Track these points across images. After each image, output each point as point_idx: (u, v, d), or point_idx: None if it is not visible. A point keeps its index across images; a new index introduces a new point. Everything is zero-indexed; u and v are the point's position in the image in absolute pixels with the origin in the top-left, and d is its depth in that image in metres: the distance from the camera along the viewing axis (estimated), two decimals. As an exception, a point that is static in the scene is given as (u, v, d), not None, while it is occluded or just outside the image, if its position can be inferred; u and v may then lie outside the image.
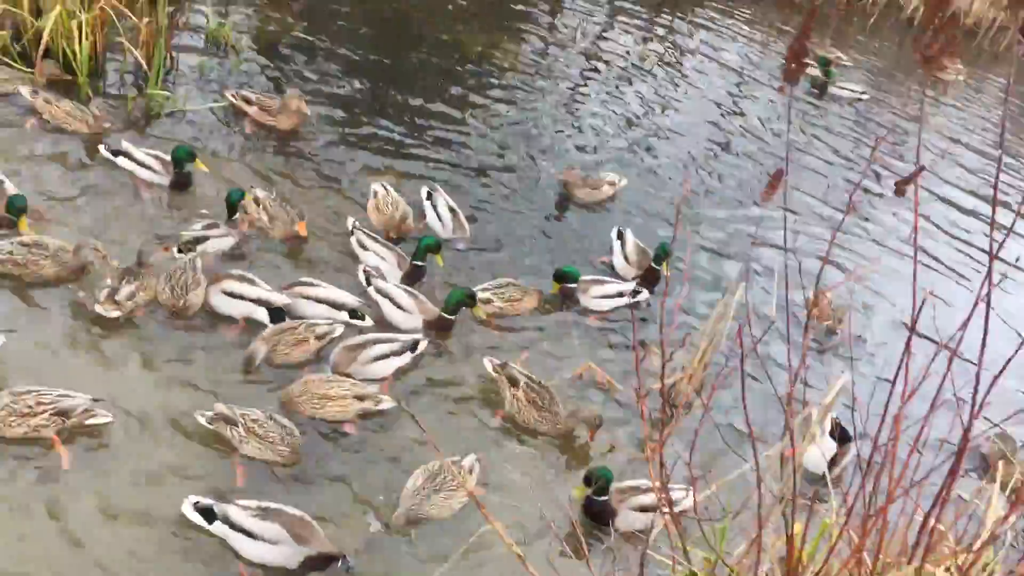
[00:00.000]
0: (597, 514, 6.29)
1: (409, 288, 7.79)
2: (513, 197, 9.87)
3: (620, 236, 9.15)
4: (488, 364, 7.16)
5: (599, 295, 8.43)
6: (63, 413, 5.74)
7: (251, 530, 5.38)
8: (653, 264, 8.71)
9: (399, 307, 7.58)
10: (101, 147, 8.40)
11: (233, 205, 8.01)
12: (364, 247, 8.12)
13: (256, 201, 8.08)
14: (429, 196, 8.99)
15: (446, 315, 7.56)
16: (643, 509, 6.30)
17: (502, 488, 6.40)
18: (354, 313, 7.48)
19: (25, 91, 8.66)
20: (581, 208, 9.95)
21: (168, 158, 8.31)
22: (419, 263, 7.98)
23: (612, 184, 10.14)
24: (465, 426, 6.91)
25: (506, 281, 8.20)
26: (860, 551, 2.86)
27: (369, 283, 7.72)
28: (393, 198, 8.67)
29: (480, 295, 7.90)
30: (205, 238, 7.75)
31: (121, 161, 8.31)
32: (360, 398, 6.58)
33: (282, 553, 5.38)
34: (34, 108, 8.61)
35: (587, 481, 6.23)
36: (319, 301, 7.41)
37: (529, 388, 6.91)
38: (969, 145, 15.24)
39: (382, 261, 8.09)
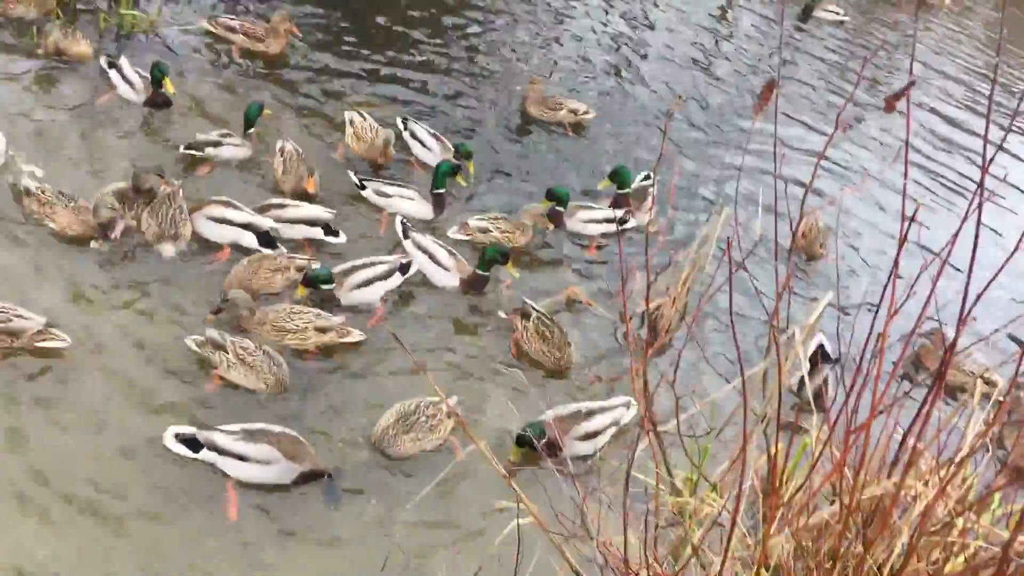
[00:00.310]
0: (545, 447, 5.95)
1: (447, 245, 7.55)
2: (493, 123, 9.71)
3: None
4: (502, 313, 7.10)
5: (587, 219, 8.37)
6: (13, 333, 5.69)
7: (242, 453, 5.41)
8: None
9: (439, 264, 7.36)
10: (101, 58, 8.31)
11: (251, 119, 7.99)
12: (386, 195, 7.91)
13: (281, 151, 7.81)
14: (406, 127, 8.79)
15: (480, 272, 7.33)
16: (587, 437, 6.21)
17: (484, 411, 6.43)
18: (328, 229, 7.39)
19: None
20: (559, 133, 9.79)
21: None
22: (483, 272, 7.34)
23: (574, 112, 9.88)
24: (461, 355, 6.87)
25: (498, 214, 8.10)
26: (841, 467, 2.87)
27: (407, 236, 7.47)
28: (371, 124, 8.51)
29: (475, 223, 7.83)
30: (219, 143, 7.83)
31: (112, 75, 8.20)
32: (322, 330, 6.45)
33: (276, 471, 5.45)
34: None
35: (519, 442, 5.94)
36: (294, 222, 7.33)
37: (540, 322, 6.86)
38: (956, 63, 15.09)
39: (409, 202, 7.92)
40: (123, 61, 8.30)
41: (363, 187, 7.91)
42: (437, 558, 5.29)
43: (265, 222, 7.13)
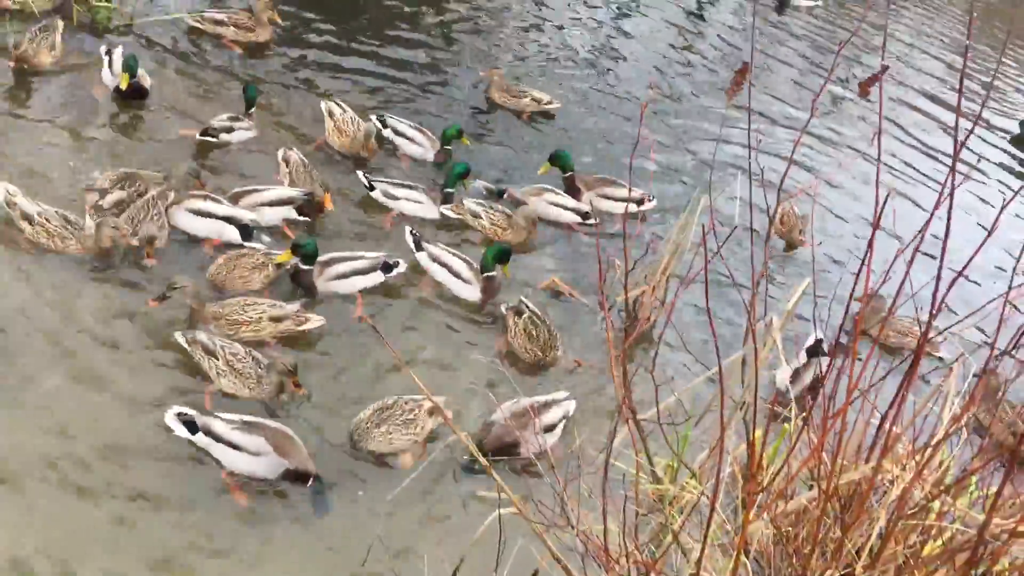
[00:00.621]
0: (502, 450, 5.86)
1: (462, 255, 7.39)
2: (466, 114, 9.69)
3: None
4: (503, 307, 7.06)
5: (551, 202, 8.39)
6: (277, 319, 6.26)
7: (235, 442, 5.42)
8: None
9: (460, 277, 7.21)
10: (102, 48, 8.27)
11: (252, 99, 8.19)
12: (394, 197, 7.85)
13: (286, 161, 7.71)
14: (385, 124, 8.64)
15: (488, 275, 7.19)
16: (547, 429, 6.12)
17: (466, 403, 6.43)
18: (301, 210, 7.36)
19: None
20: (527, 122, 9.78)
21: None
22: (491, 274, 7.22)
23: (537, 101, 9.84)
24: (447, 347, 6.85)
25: (499, 206, 8.08)
26: (819, 452, 2.90)
27: (420, 248, 7.30)
28: (351, 116, 8.44)
29: (469, 204, 7.88)
30: (231, 128, 7.98)
31: (104, 63, 8.19)
32: (277, 319, 6.38)
33: (264, 464, 5.43)
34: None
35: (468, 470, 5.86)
36: (271, 204, 7.30)
37: (530, 321, 6.83)
38: (930, 48, 15.18)
39: (417, 204, 7.88)
40: (117, 52, 8.22)
41: (372, 188, 7.83)
42: (419, 549, 5.29)
43: (246, 214, 7.08)
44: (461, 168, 7.99)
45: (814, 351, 7.03)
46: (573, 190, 8.54)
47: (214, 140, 7.89)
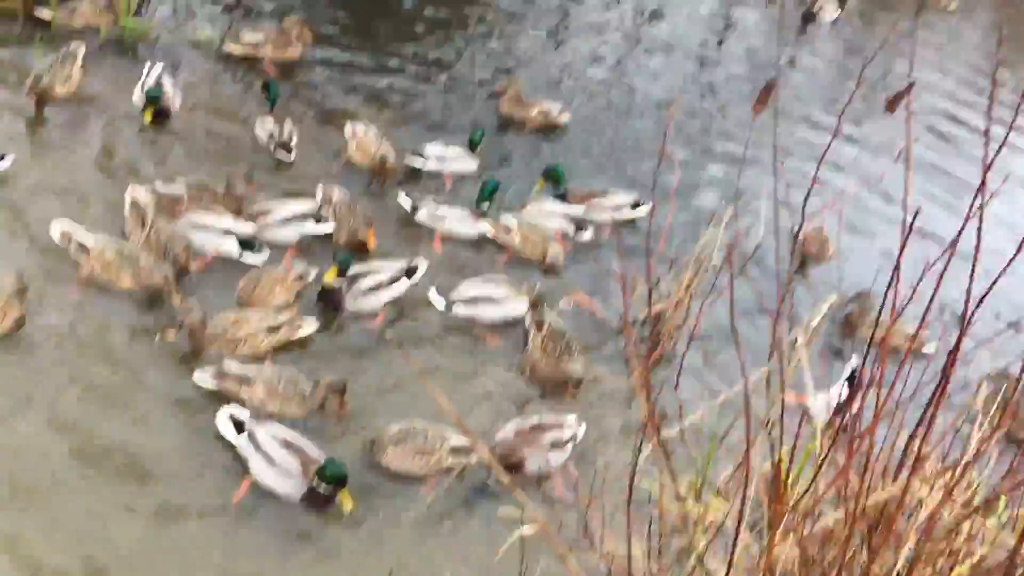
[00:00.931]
0: (507, 468, 5.77)
1: (494, 278, 7.45)
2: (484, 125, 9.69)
3: None
4: (526, 296, 7.03)
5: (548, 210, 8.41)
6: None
7: (270, 455, 5.46)
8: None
9: (497, 303, 7.21)
10: (147, 65, 8.28)
11: (274, 97, 8.35)
12: (440, 217, 7.88)
13: (328, 198, 7.57)
14: (422, 154, 8.55)
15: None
16: (554, 447, 6.06)
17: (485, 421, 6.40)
18: (317, 219, 7.37)
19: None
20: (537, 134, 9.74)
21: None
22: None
23: (545, 113, 9.80)
24: (470, 362, 6.83)
25: (526, 220, 8.08)
26: (846, 472, 2.84)
27: (415, 210, 7.73)
28: (374, 136, 8.42)
29: (507, 221, 7.94)
30: (290, 144, 8.20)
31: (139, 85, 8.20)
32: (273, 329, 6.32)
33: (288, 485, 5.46)
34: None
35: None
36: (288, 221, 7.34)
37: (549, 335, 6.78)
38: (957, 66, 15.04)
39: (462, 224, 7.96)
40: (155, 71, 8.27)
41: (416, 209, 7.84)
42: (440, 569, 5.25)
43: (246, 227, 7.07)
44: (492, 185, 8.03)
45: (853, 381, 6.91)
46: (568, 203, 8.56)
47: (286, 156, 8.10)
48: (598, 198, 8.67)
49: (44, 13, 8.89)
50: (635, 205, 8.71)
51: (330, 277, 6.71)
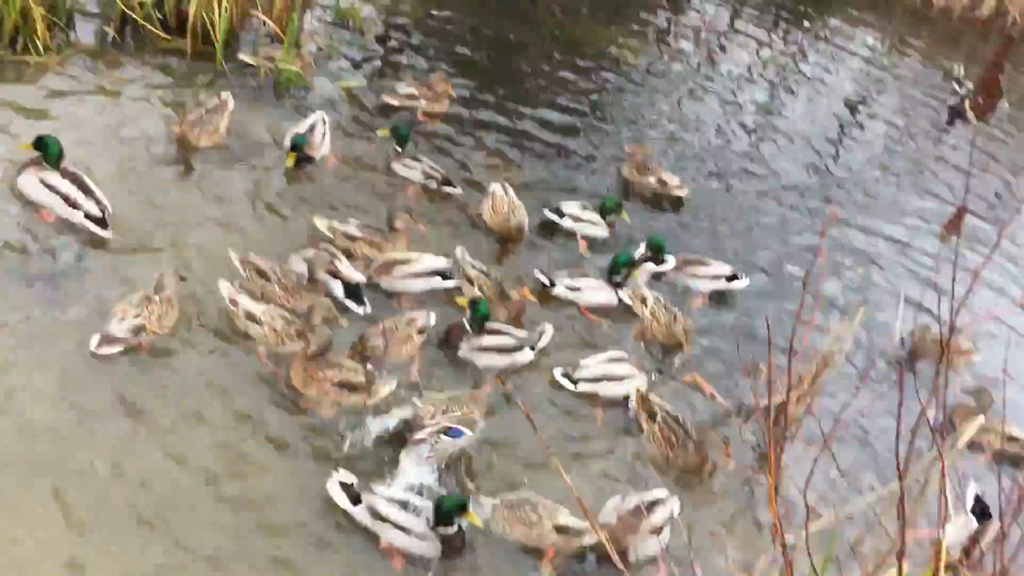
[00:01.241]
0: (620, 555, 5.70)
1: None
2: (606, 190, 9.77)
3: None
4: (633, 397, 7.00)
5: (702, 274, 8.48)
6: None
7: (403, 524, 5.54)
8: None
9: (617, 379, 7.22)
10: (317, 112, 8.76)
11: (404, 137, 8.68)
12: (576, 288, 8.01)
13: (469, 279, 7.62)
14: (561, 215, 8.77)
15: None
16: (655, 531, 5.95)
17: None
18: (444, 275, 7.54)
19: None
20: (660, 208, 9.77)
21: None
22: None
23: (663, 183, 9.75)
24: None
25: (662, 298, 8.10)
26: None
27: (552, 284, 7.90)
28: (511, 200, 8.53)
29: (645, 292, 8.04)
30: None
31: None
32: (352, 387, 6.32)
33: (425, 547, 5.56)
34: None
35: None
36: (418, 275, 7.50)
37: (665, 424, 6.75)
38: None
39: (597, 292, 8.07)
40: (311, 119, 8.67)
41: (552, 284, 7.98)
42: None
43: (356, 275, 7.24)
44: (624, 258, 8.08)
45: (980, 511, 6.67)
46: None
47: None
48: (697, 266, 8.67)
49: (246, 57, 9.50)
50: (731, 278, 8.63)
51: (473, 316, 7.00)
